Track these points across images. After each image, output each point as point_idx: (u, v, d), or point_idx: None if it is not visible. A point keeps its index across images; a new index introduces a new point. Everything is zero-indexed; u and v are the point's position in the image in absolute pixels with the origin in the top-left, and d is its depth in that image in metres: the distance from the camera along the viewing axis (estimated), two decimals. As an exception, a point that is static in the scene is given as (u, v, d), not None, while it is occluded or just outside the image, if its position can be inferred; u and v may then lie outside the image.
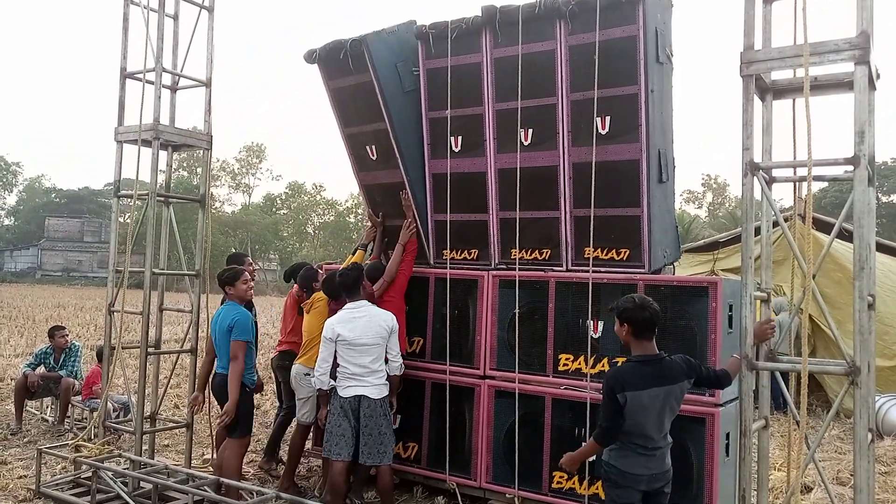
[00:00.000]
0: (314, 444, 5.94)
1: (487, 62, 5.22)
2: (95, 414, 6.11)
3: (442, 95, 5.39)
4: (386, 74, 5.38)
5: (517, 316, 5.13)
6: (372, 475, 5.17)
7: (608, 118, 4.82)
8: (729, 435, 4.49)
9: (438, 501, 5.40)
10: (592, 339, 4.84)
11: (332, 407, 4.88)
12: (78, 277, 59.13)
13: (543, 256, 5.20)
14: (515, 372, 5.08)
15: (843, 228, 4.02)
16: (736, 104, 3.61)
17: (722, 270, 10.77)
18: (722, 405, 4.43)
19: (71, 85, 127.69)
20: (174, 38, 6.20)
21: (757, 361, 3.64)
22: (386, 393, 4.88)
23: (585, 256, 4.98)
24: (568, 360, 4.94)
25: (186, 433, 6.02)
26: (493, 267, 5.41)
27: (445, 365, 5.36)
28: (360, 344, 4.77)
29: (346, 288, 4.97)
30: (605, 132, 4.84)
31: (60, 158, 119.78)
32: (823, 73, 3.71)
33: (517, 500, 5.01)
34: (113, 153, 5.88)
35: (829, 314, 3.66)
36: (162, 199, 5.97)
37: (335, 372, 4.89)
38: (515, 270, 5.18)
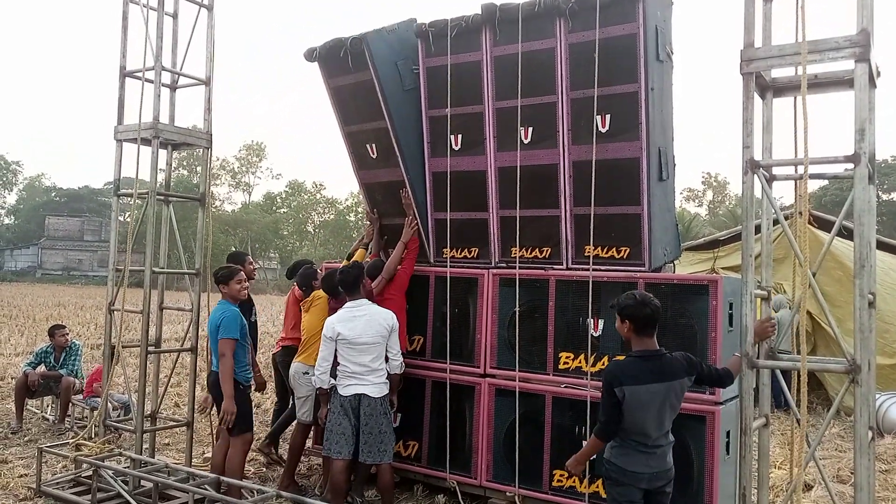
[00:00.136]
0: (314, 442, 5.94)
1: (487, 60, 5.22)
2: (96, 413, 6.12)
3: (442, 94, 5.39)
4: (386, 73, 5.38)
5: (517, 314, 5.13)
6: (372, 474, 5.17)
7: (608, 116, 4.81)
8: (729, 433, 4.48)
9: (439, 500, 5.40)
10: (593, 337, 4.84)
11: (332, 405, 4.88)
12: (78, 276, 59.16)
13: (544, 255, 5.20)
14: (516, 370, 5.08)
15: (843, 226, 4.01)
16: (736, 102, 3.60)
17: (722, 269, 10.77)
18: (722, 403, 4.43)
19: (71, 84, 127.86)
20: (174, 36, 6.20)
21: (757, 360, 3.64)
22: (386, 392, 4.88)
23: (586, 255, 4.98)
24: (568, 358, 4.94)
25: (187, 432, 6.02)
26: (493, 265, 5.41)
27: (446, 363, 5.36)
28: (360, 343, 4.76)
29: (346, 286, 4.97)
30: (605, 130, 4.84)
31: (60, 157, 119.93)
32: (824, 70, 3.70)
33: (518, 498, 5.02)
34: (113, 152, 5.88)
35: (829, 312, 3.66)
36: (162, 197, 5.98)
37: (335, 370, 4.89)
38: (516, 269, 5.18)
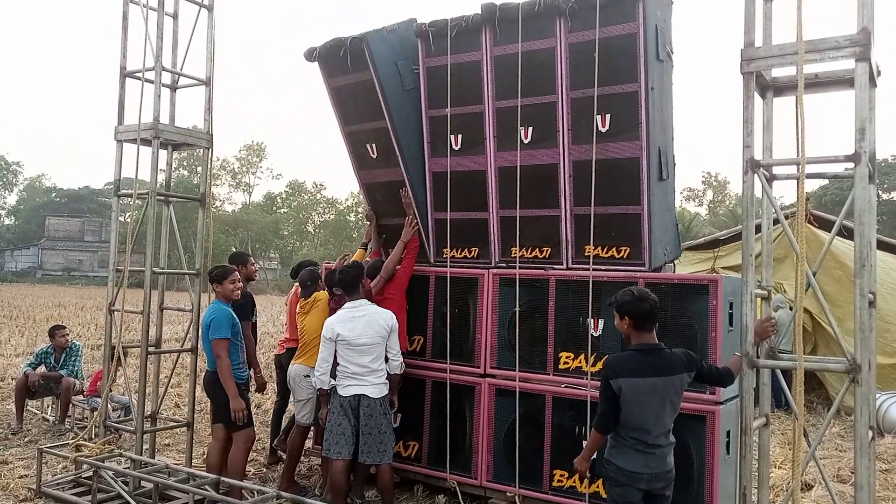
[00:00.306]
0: (315, 442, 5.94)
1: (487, 60, 5.21)
2: (96, 413, 6.12)
3: (442, 94, 5.38)
4: (386, 72, 5.38)
5: (517, 314, 5.13)
6: (373, 474, 5.17)
7: (608, 116, 4.81)
8: (730, 433, 4.48)
9: (439, 500, 5.40)
10: (593, 337, 4.84)
11: (332, 406, 4.87)
12: (78, 277, 59.17)
13: (544, 255, 5.20)
14: (516, 370, 5.08)
15: (843, 226, 4.01)
16: (736, 101, 3.60)
17: (722, 268, 10.77)
18: (722, 403, 4.43)
19: (71, 85, 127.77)
20: (174, 36, 6.20)
21: (758, 359, 3.64)
22: (386, 392, 4.88)
23: (586, 254, 4.98)
24: (568, 358, 4.94)
25: (187, 432, 6.02)
26: (493, 265, 5.40)
27: (446, 363, 5.36)
28: (359, 344, 4.76)
29: (345, 286, 4.97)
30: (605, 130, 4.83)
31: (60, 158, 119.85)
32: (824, 70, 3.70)
33: (518, 498, 5.01)
34: (113, 152, 5.89)
35: (829, 312, 3.66)
36: (162, 198, 5.98)
37: (335, 371, 4.89)
38: (516, 269, 5.18)
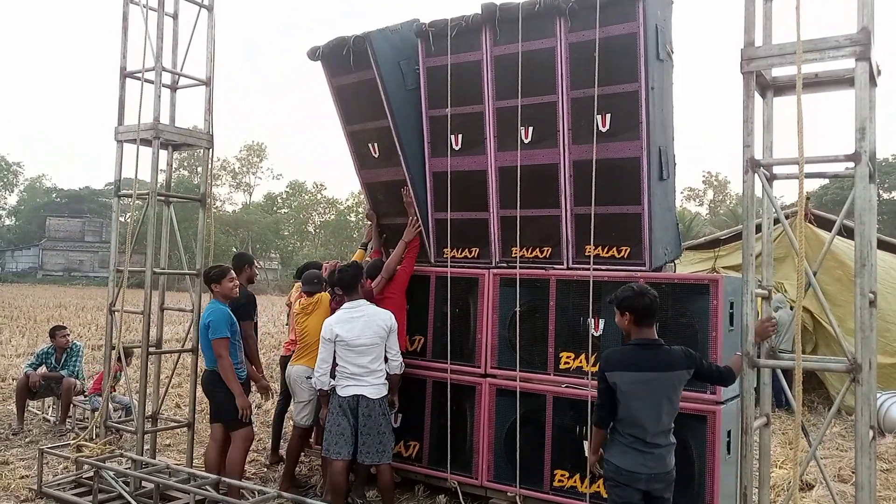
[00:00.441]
0: (315, 442, 5.93)
1: (487, 60, 5.22)
2: (97, 414, 6.12)
3: (442, 93, 5.39)
4: (389, 72, 5.38)
5: (518, 314, 5.12)
6: (373, 474, 5.17)
7: (608, 116, 4.81)
8: (730, 432, 4.48)
9: (440, 500, 5.40)
10: (593, 336, 4.84)
11: (331, 406, 4.88)
12: (79, 277, 59.16)
13: (544, 254, 5.20)
14: (516, 370, 5.08)
15: (844, 225, 4.01)
16: (737, 101, 3.60)
17: (723, 268, 10.77)
18: (723, 403, 4.42)
19: (71, 85, 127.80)
20: (174, 37, 6.20)
21: (758, 359, 3.64)
22: (385, 392, 4.88)
23: (586, 254, 4.97)
24: (569, 358, 4.94)
25: (188, 433, 6.02)
26: (493, 265, 5.40)
27: (446, 363, 5.36)
28: (358, 344, 4.76)
29: (343, 286, 4.97)
30: (605, 130, 4.83)
31: (61, 158, 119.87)
32: (824, 69, 3.70)
33: (519, 498, 5.01)
34: (113, 153, 5.89)
35: (830, 311, 3.66)
36: (162, 198, 5.98)
37: (334, 371, 4.89)
38: (516, 268, 5.18)
